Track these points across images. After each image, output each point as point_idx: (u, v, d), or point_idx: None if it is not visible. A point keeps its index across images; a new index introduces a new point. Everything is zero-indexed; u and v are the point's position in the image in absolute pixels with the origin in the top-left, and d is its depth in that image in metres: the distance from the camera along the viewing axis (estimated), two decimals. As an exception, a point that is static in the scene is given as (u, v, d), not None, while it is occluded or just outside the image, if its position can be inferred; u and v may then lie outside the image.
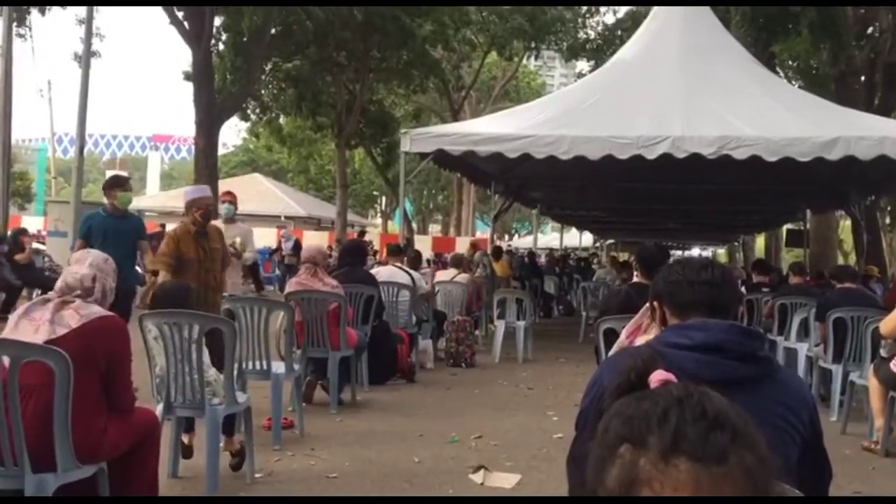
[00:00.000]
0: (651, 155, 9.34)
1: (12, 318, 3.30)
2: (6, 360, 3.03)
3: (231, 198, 7.73)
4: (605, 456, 0.88)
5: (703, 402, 0.87)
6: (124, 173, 7.43)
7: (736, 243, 33.94)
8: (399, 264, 9.02)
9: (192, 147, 22.93)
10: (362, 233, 26.70)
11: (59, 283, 3.35)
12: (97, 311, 3.26)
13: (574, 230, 32.05)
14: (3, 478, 3.02)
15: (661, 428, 0.84)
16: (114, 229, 6.58)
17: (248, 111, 25.97)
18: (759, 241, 33.15)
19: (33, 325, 3.20)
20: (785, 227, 23.75)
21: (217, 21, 21.07)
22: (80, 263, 3.40)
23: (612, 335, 4.77)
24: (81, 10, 17.19)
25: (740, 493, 0.82)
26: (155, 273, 5.82)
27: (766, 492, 0.84)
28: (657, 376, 1.05)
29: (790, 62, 21.23)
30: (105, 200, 6.78)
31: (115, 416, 3.26)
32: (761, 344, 1.87)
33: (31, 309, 3.29)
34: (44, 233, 19.29)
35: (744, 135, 9.23)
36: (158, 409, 4.17)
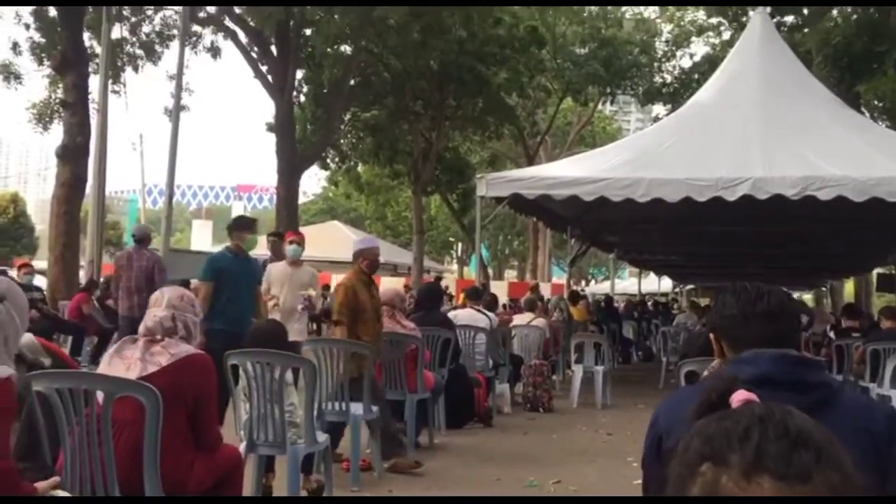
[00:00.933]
0: (731, 196, 9.18)
1: (105, 356, 3.45)
2: (100, 396, 3.16)
3: (299, 238, 7.67)
4: (686, 475, 0.87)
5: (786, 420, 0.86)
6: (249, 216, 7.72)
7: (823, 288, 32.81)
8: (477, 307, 9.04)
9: (274, 196, 23.58)
10: (438, 278, 26.85)
11: (141, 328, 3.46)
12: (185, 349, 3.37)
13: (652, 275, 31.53)
14: (96, 510, 3.13)
15: (742, 446, 0.84)
16: (243, 272, 6.69)
17: (328, 160, 26.60)
18: (848, 286, 31.97)
19: (125, 363, 3.32)
20: (875, 272, 22.89)
21: (299, 74, 21.79)
22: (157, 305, 3.49)
23: (693, 378, 4.68)
24: (172, 66, 18.03)
25: None
26: (337, 323, 5.88)
27: None
28: (739, 396, 1.05)
29: (876, 102, 20.67)
30: (229, 242, 6.95)
31: (201, 452, 3.34)
32: (815, 371, 1.81)
33: (122, 348, 3.43)
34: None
35: (828, 175, 9.00)
36: (241, 447, 4.26)
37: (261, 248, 15.96)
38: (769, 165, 9.41)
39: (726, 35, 26.32)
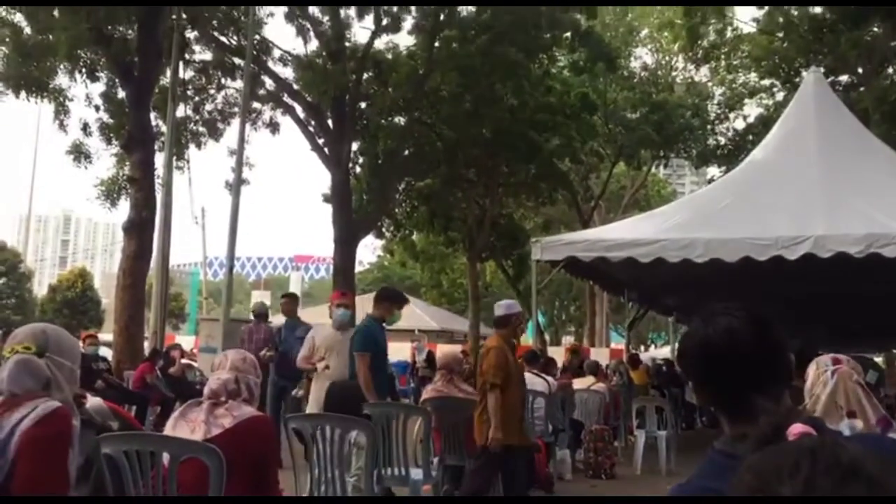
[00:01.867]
0: (792, 256, 9.02)
1: (171, 420, 3.51)
2: (166, 458, 3.21)
3: (347, 301, 7.45)
4: None
5: (837, 452, 0.85)
6: (398, 290, 7.66)
7: (894, 350, 31.61)
8: (534, 371, 8.96)
9: (331, 266, 23.91)
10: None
11: (206, 390, 3.53)
12: (248, 411, 3.42)
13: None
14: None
15: (792, 478, 0.83)
16: (385, 342, 6.60)
17: (383, 229, 26.95)
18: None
19: (190, 425, 3.38)
20: (948, 332, 22.02)
21: (354, 145, 22.31)
22: (222, 368, 3.57)
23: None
24: (233, 142, 18.65)
25: None
26: (493, 387, 5.67)
27: None
28: (795, 429, 1.03)
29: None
30: (373, 312, 6.61)
31: (263, 515, 3.35)
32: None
33: (186, 411, 3.49)
34: (195, 350, 20.39)
35: (893, 231, 8.79)
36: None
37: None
38: (831, 223, 9.25)
39: (779, 96, 26.24)
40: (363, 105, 22.01)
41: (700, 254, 9.46)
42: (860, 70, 22.24)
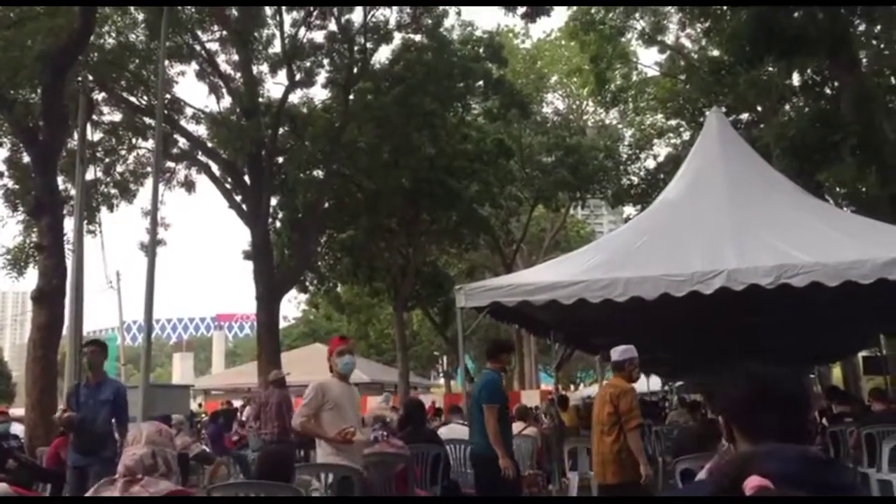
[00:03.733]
0: (708, 290, 9.24)
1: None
2: (78, 543, 3.03)
3: (351, 347, 6.56)
4: None
5: None
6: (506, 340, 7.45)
7: (811, 375, 32.71)
8: (461, 421, 8.89)
9: (255, 323, 23.48)
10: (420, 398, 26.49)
11: (119, 467, 3.36)
12: (165, 486, 3.27)
13: (641, 375, 31.32)
14: None
15: None
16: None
17: (307, 283, 26.67)
18: (836, 372, 31.93)
19: (104, 506, 3.21)
20: (861, 355, 22.91)
21: (273, 200, 22.12)
22: (136, 443, 3.41)
23: (690, 476, 4.59)
24: (146, 203, 18.24)
25: None
26: (640, 426, 6.16)
27: None
28: (752, 482, 1.03)
29: (838, 189, 21.24)
30: (491, 365, 6.82)
31: None
32: (840, 471, 1.76)
33: (100, 490, 3.32)
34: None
35: (800, 262, 9.10)
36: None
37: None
38: (742, 257, 9.53)
39: (686, 135, 27.24)
40: (280, 160, 21.91)
41: (620, 293, 9.60)
42: (759, 108, 23.30)
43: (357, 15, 20.89)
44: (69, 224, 16.30)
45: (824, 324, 16.03)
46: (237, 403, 24.98)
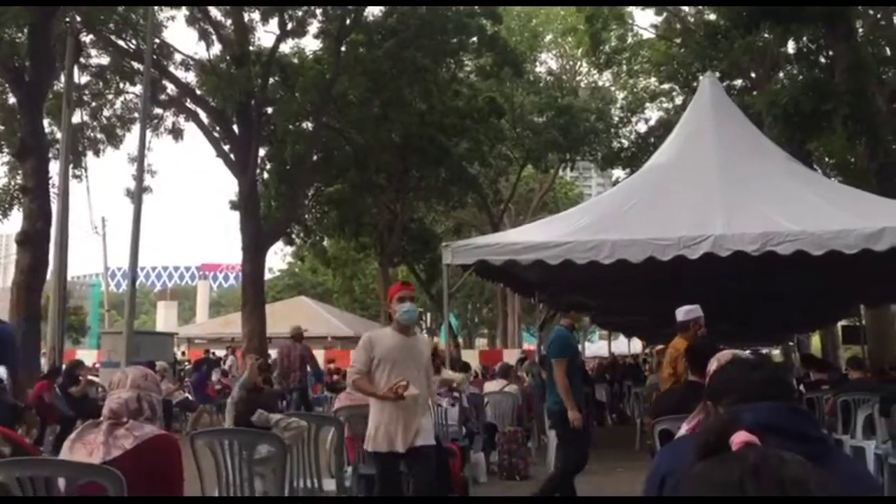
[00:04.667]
0: (693, 255, 9.30)
1: (66, 443, 3.33)
2: (62, 483, 3.05)
3: (411, 292, 5.48)
4: None
5: (781, 470, 0.86)
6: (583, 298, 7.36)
7: (791, 343, 33.11)
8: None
9: (240, 274, 23.45)
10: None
11: (105, 410, 3.36)
12: (150, 430, 3.28)
13: (622, 337, 31.57)
14: None
15: (738, 494, 0.83)
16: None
17: (293, 235, 26.61)
18: (815, 340, 32.31)
19: (87, 448, 3.22)
20: (840, 325, 23.19)
21: (261, 151, 21.95)
22: (122, 386, 3.41)
23: (668, 437, 4.65)
24: (133, 149, 18.07)
25: None
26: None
27: None
28: (739, 437, 1.04)
29: (827, 159, 21.30)
30: (563, 322, 6.90)
31: (168, 537, 3.23)
32: (815, 425, 1.82)
33: (84, 433, 3.32)
34: (97, 365, 19.63)
35: (787, 230, 9.16)
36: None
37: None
38: (729, 223, 9.57)
39: (678, 100, 27.14)
40: (269, 110, 21.68)
41: (606, 255, 9.64)
42: (753, 75, 23.22)
43: (352, -35, 20.56)
44: (55, 167, 16.17)
45: (807, 292, 16.17)
46: (220, 353, 25.07)
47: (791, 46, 20.53)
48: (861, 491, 1.74)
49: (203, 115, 21.09)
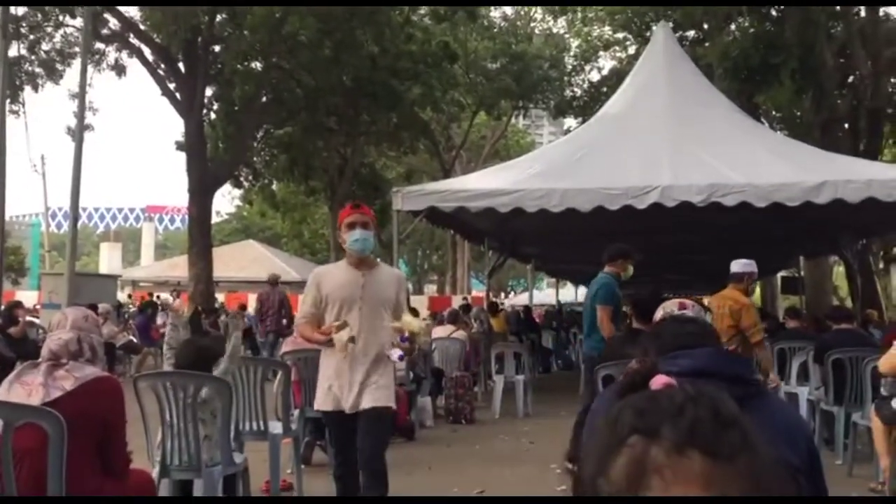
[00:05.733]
0: (641, 205, 9.41)
1: (4, 384, 3.26)
2: (0, 424, 2.99)
3: (364, 217, 4.28)
4: (613, 445, 0.86)
5: (717, 402, 0.87)
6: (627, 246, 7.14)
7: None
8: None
9: (186, 217, 23.05)
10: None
11: (44, 351, 3.30)
12: (91, 371, 3.23)
13: (569, 285, 32.01)
14: (-4, 545, 2.96)
15: (675, 421, 0.84)
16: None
17: (241, 178, 26.18)
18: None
19: (26, 389, 3.16)
20: (779, 275, 23.81)
21: (208, 91, 21.40)
22: (61, 327, 3.34)
23: (610, 382, 4.75)
24: (74, 85, 17.46)
25: (746, 492, 0.81)
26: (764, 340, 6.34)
27: (770, 493, 0.84)
28: (659, 380, 1.06)
29: (774, 112, 21.59)
30: (608, 269, 6.81)
31: (109, 478, 3.20)
32: (747, 368, 1.89)
33: (22, 373, 3.26)
34: (38, 306, 19.23)
35: (732, 182, 9.32)
36: (154, 473, 4.10)
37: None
38: (676, 174, 9.70)
39: (632, 49, 27.13)
40: (217, 48, 21.08)
41: (556, 203, 9.71)
42: (706, 26, 23.28)
43: None
44: (-10, 102, 15.52)
45: (750, 243, 16.51)
46: (167, 296, 24.75)
47: (744, -1, 20.61)
48: (789, 431, 1.81)
49: (147, 52, 20.43)
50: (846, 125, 17.28)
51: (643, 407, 0.89)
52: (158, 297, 23.57)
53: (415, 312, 6.98)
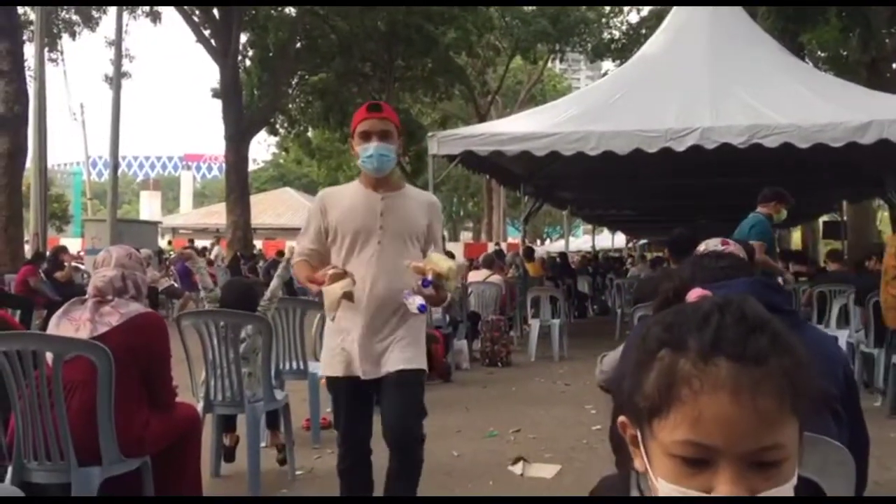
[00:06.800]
0: (680, 147, 9.26)
1: (53, 320, 3.35)
2: (50, 357, 3.09)
3: (389, 126, 3.25)
4: (645, 361, 0.89)
5: (744, 307, 0.88)
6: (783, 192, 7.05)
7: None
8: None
9: (223, 165, 23.22)
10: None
11: (89, 289, 3.37)
12: (135, 307, 3.31)
13: (606, 232, 31.81)
14: (51, 472, 3.08)
15: (700, 330, 0.85)
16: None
17: (277, 125, 26.25)
18: (796, 236, 32.67)
19: (74, 324, 3.25)
20: (821, 220, 23.40)
21: (243, 38, 21.37)
22: (106, 265, 3.40)
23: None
24: (111, 33, 17.53)
25: (779, 394, 0.82)
26: None
27: (806, 396, 0.84)
28: (695, 293, 1.06)
29: (819, 52, 20.98)
30: (761, 210, 6.82)
31: (156, 411, 3.30)
32: (785, 298, 1.87)
33: (70, 309, 3.34)
34: (82, 253, 19.64)
35: (774, 122, 9.12)
36: (199, 408, 4.21)
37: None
38: (716, 115, 9.50)
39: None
40: (251, -7, 20.96)
41: (593, 146, 9.58)
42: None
43: None
44: (29, 50, 15.69)
45: (791, 186, 16.17)
46: (206, 243, 25.10)
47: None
48: (827, 361, 1.79)
49: (182, -2, 20.40)
50: (894, 65, 16.74)
51: (670, 321, 0.90)
52: (192, 241, 23.91)
53: (450, 255, 6.95)
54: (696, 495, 0.83)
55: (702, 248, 2.84)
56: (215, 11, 20.02)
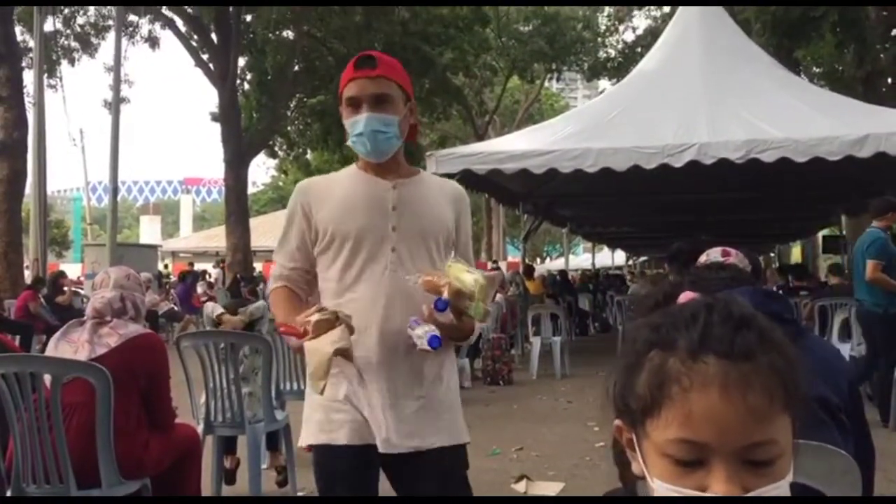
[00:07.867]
0: (678, 163, 9.27)
1: (52, 342, 3.34)
2: (48, 379, 3.07)
3: (376, 87, 2.26)
4: (635, 363, 0.89)
5: (731, 305, 0.88)
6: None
7: (772, 254, 33.51)
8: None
9: (223, 188, 23.27)
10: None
11: (88, 310, 3.37)
12: (134, 328, 3.30)
13: (606, 249, 31.81)
14: (50, 495, 3.05)
15: (689, 329, 0.86)
16: None
17: (276, 148, 26.30)
18: (796, 251, 32.69)
19: (72, 346, 3.24)
20: (821, 234, 23.40)
21: (241, 61, 21.47)
22: (104, 286, 3.40)
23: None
24: (110, 59, 17.61)
25: (769, 390, 0.82)
26: None
27: (795, 392, 0.84)
28: (685, 296, 1.05)
29: (815, 68, 21.08)
30: (877, 223, 6.67)
31: (155, 432, 3.28)
32: (787, 308, 1.85)
33: (68, 331, 3.33)
34: (82, 278, 19.64)
35: (771, 137, 9.13)
36: (199, 430, 4.18)
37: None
38: (713, 130, 9.52)
39: (666, 8, 26.59)
40: (248, 17, 21.11)
41: (591, 163, 9.59)
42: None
43: None
44: (29, 77, 15.78)
45: (790, 201, 16.27)
46: (204, 267, 25.10)
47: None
48: (829, 370, 1.78)
49: (180, 23, 20.53)
50: (889, 79, 16.82)
51: (659, 322, 0.90)
52: (192, 265, 23.92)
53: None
54: (693, 495, 0.82)
55: (703, 259, 2.83)
56: (213, 35, 20.13)
